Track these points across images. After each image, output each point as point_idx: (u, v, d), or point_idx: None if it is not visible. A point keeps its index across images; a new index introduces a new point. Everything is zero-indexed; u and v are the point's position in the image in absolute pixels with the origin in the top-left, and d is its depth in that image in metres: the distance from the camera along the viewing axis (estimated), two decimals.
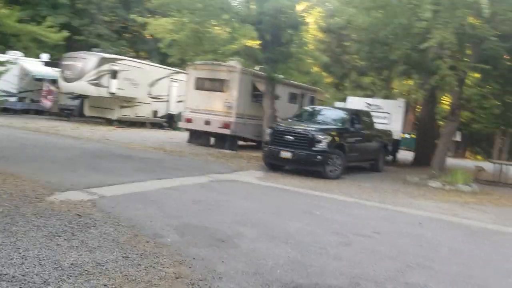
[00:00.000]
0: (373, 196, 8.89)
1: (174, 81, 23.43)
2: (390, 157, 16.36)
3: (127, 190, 6.83)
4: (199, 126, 15.33)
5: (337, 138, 10.73)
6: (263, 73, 14.41)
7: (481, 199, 9.82)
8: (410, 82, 31.05)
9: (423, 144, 17.10)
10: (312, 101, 19.17)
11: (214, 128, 14.98)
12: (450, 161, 17.43)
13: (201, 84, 15.67)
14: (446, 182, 11.08)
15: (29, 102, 23.43)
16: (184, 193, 7.07)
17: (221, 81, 15.06)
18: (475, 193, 10.73)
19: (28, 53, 24.79)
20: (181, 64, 18.44)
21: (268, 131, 11.16)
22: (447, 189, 10.75)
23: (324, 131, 10.63)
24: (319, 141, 10.35)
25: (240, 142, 16.42)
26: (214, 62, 15.26)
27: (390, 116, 15.90)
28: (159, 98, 23.19)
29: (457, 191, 10.61)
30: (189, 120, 15.69)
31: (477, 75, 13.80)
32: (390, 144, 14.09)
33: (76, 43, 29.73)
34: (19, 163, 8.12)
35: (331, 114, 12.28)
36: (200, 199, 6.68)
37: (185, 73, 17.41)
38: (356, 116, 12.02)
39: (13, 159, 8.49)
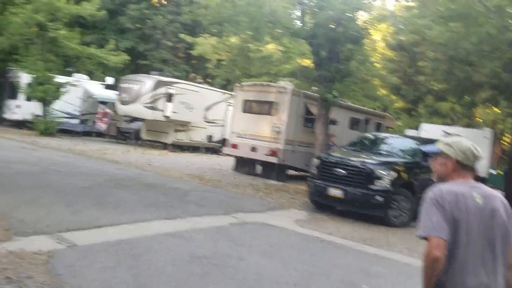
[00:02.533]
0: None
1: (230, 105, 22.33)
2: None
3: (114, 235, 5.30)
4: (245, 152, 13.76)
5: (404, 175, 8.50)
6: (317, 95, 12.58)
7: None
8: (497, 110, 27.35)
9: None
10: (379, 128, 16.85)
11: (260, 155, 13.31)
12: None
13: (249, 107, 14.17)
14: None
15: (91, 125, 23.57)
16: (187, 242, 5.38)
17: (270, 103, 13.44)
18: None
19: (93, 76, 25.29)
20: (227, 85, 17.23)
21: (315, 161, 9.23)
22: None
23: (387, 165, 8.48)
24: (380, 178, 8.21)
25: (292, 172, 14.58)
26: (264, 83, 13.77)
27: None
28: (214, 123, 22.17)
29: None
30: (234, 146, 14.19)
31: None
32: None
33: (141, 67, 30.13)
34: (13, 191, 6.99)
35: (398, 143, 10.05)
36: (202, 254, 4.94)
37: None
38: None
39: (11, 186, 7.40)
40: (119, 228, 5.62)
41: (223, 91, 22.46)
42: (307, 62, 15.24)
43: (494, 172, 24.74)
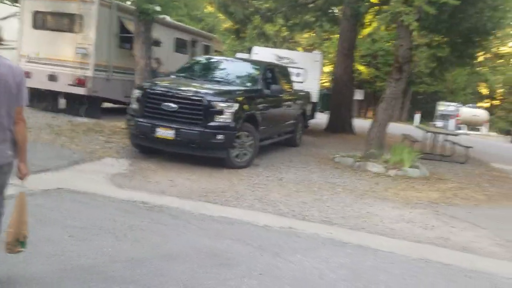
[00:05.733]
0: (307, 203, 5.50)
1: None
2: None
3: None
4: (41, 83, 10.39)
5: (246, 106, 7.01)
6: (133, 7, 9.92)
7: (444, 192, 7.06)
8: (313, 34, 28.50)
9: (339, 106, 14.30)
10: (207, 51, 15.12)
11: (62, 85, 10.22)
12: (356, 122, 15.04)
13: (42, 21, 10.64)
14: (388, 164, 8.20)
15: None
16: None
17: (71, 17, 10.21)
18: (427, 178, 8.03)
19: None
20: None
21: (136, 93, 7.00)
22: (392, 175, 7.85)
23: (228, 95, 6.84)
24: (220, 112, 6.55)
25: (109, 104, 11.94)
26: None
27: (305, 72, 12.65)
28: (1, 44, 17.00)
29: (406, 178, 7.78)
30: (26, 74, 10.57)
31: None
32: (309, 110, 10.85)
33: None
34: None
35: (235, 68, 8.41)
36: None
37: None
38: (271, 72, 8.37)
39: None
40: None
41: (13, 2, 17.14)
42: None
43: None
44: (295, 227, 4.55)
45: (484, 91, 36.40)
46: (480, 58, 20.45)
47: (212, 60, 9.11)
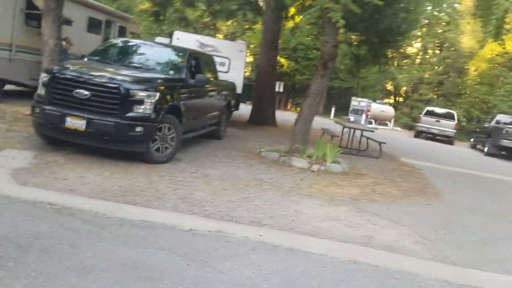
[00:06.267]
0: (234, 202, 5.28)
1: None
2: None
3: None
4: None
5: (169, 96, 6.54)
6: None
7: (363, 188, 7.27)
8: (235, 23, 28.25)
9: (261, 99, 14.24)
10: (123, 33, 14.13)
11: None
12: (277, 114, 15.12)
13: None
14: (311, 159, 8.26)
15: None
16: None
17: None
18: (347, 173, 8.23)
19: None
20: None
21: (43, 77, 6.18)
22: (315, 171, 7.91)
23: (149, 83, 6.31)
24: (140, 101, 6.01)
25: (11, 87, 10.60)
26: None
27: (229, 62, 12.34)
28: None
29: (328, 173, 7.89)
30: None
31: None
32: (234, 101, 10.59)
33: None
34: None
35: (156, 54, 7.81)
36: None
37: None
38: (196, 60, 7.92)
39: None
40: None
41: None
42: None
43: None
44: (223, 230, 4.28)
45: (390, 88, 39.10)
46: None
47: (130, 44, 8.38)
